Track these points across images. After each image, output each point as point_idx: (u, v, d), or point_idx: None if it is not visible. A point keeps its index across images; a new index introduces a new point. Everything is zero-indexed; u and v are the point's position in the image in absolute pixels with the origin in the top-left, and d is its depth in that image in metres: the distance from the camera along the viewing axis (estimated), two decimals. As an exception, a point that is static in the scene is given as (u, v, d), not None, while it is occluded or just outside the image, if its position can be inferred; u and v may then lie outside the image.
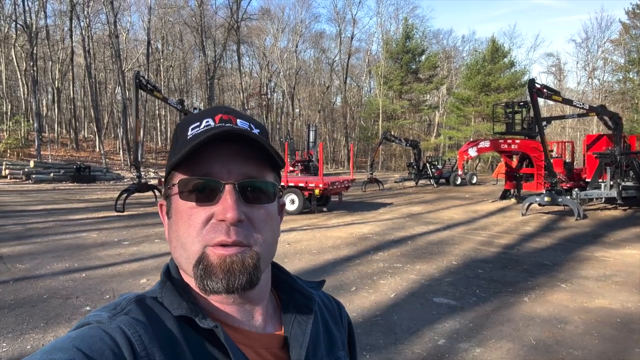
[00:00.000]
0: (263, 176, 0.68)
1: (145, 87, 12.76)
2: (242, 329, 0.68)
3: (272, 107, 60.56)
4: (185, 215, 0.65)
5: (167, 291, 0.66)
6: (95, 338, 0.55)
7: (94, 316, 0.60)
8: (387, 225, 11.05)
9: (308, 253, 7.78)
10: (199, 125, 0.67)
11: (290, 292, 0.78)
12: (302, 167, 26.03)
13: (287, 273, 0.81)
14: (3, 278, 5.84)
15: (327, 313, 0.84)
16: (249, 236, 0.64)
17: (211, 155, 0.65)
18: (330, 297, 0.90)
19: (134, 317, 0.60)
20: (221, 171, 0.64)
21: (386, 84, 47.86)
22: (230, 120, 0.68)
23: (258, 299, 0.71)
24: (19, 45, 38.06)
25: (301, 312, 0.74)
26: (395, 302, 5.31)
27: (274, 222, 0.70)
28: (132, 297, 0.64)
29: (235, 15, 45.21)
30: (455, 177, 25.27)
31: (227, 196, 0.63)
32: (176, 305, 0.64)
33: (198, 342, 0.62)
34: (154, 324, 0.61)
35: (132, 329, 0.58)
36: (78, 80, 48.17)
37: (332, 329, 0.82)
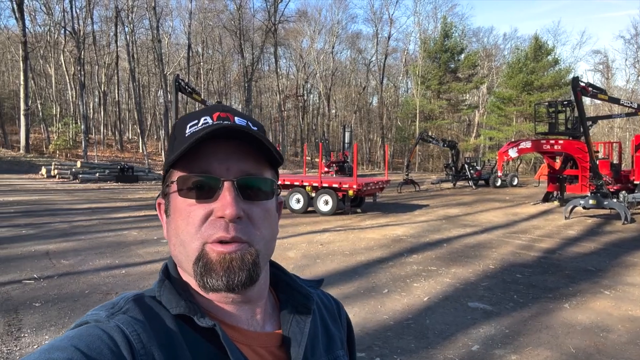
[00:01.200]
0: (262, 173, 0.68)
1: (185, 90, 13.11)
2: (241, 328, 0.68)
3: (308, 109, 60.85)
4: (184, 212, 0.65)
5: (165, 290, 0.66)
6: (93, 337, 0.55)
7: (92, 315, 0.61)
8: (422, 227, 10.88)
9: (340, 254, 7.76)
10: (197, 123, 0.67)
11: (289, 291, 0.77)
12: (337, 168, 26.01)
13: (286, 272, 0.81)
14: (48, 273, 6.13)
15: (326, 312, 0.83)
16: (247, 233, 0.64)
17: (210, 152, 0.65)
18: (330, 296, 0.89)
19: (132, 315, 0.60)
20: (220, 168, 0.64)
21: (424, 84, 47.14)
22: (228, 117, 0.68)
23: (257, 298, 0.70)
24: (67, 50, 39.91)
25: (299, 311, 0.74)
26: (429, 306, 5.21)
27: (272, 219, 0.69)
28: (131, 296, 0.64)
29: (273, 17, 45.77)
30: (495, 179, 24.60)
31: (225, 193, 0.63)
32: (174, 304, 0.64)
33: (196, 341, 0.62)
34: (153, 322, 0.61)
35: (131, 328, 0.58)
36: (123, 84, 50.01)
37: (331, 328, 0.81)
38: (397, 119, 54.84)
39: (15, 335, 4.09)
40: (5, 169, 24.33)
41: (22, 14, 30.07)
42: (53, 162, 26.19)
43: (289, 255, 7.63)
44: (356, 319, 4.74)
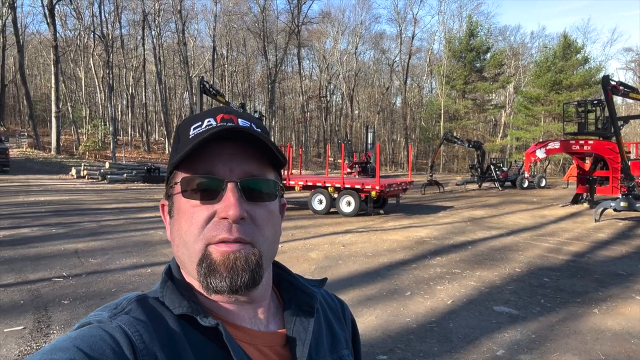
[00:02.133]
0: (265, 174, 0.68)
1: (209, 92, 13.28)
2: (244, 327, 0.68)
3: (331, 110, 60.87)
4: (187, 213, 0.65)
5: (168, 290, 0.66)
6: (95, 337, 0.56)
7: (95, 316, 0.61)
8: (446, 229, 10.73)
9: (363, 255, 7.72)
10: (200, 125, 0.67)
11: (292, 291, 0.77)
12: (359, 168, 25.91)
13: (289, 272, 0.81)
14: (77, 272, 6.28)
15: (330, 312, 0.83)
16: (251, 234, 0.64)
17: (213, 153, 0.65)
18: (334, 295, 0.89)
19: (134, 316, 0.61)
20: (223, 169, 0.64)
21: (448, 84, 46.57)
22: (232, 119, 0.68)
23: (260, 298, 0.70)
24: (97, 54, 40.98)
25: (303, 310, 0.74)
26: (452, 309, 5.13)
27: (275, 220, 0.69)
28: (133, 297, 0.65)
29: (296, 19, 45.99)
30: (522, 180, 24.08)
31: (229, 194, 0.63)
32: (177, 304, 0.64)
33: (199, 341, 0.62)
34: (155, 323, 0.61)
35: (133, 328, 0.58)
36: (150, 86, 51.06)
37: (335, 327, 0.81)
38: (421, 119, 54.32)
39: (45, 331, 4.20)
40: (37, 169, 25.11)
41: (54, 19, 31.02)
42: (82, 163, 26.90)
43: (311, 256, 7.63)
44: (378, 321, 4.71)
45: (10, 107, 50.56)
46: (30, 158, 28.25)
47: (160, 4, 41.09)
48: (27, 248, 7.56)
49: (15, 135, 34.35)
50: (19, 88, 41.46)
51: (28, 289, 5.48)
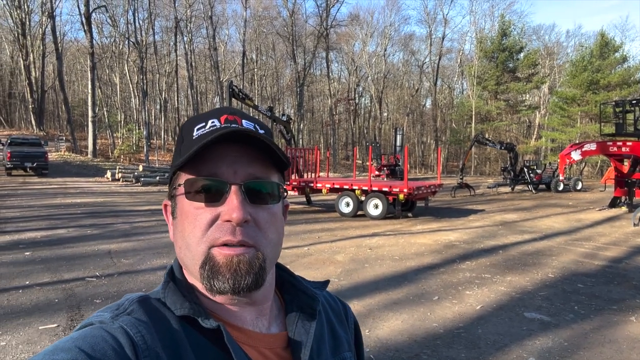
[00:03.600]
0: (269, 177, 0.68)
1: (238, 96, 13.46)
2: (246, 329, 0.68)
3: (360, 112, 60.67)
4: (190, 215, 0.65)
5: (169, 292, 0.66)
6: (97, 338, 0.56)
7: (97, 316, 0.61)
8: (476, 233, 10.51)
9: (390, 259, 7.64)
10: (204, 126, 0.67)
11: (294, 293, 0.77)
12: (388, 171, 25.69)
13: (291, 273, 0.80)
14: (109, 271, 6.46)
15: (332, 313, 0.83)
16: (254, 237, 0.64)
17: (217, 155, 0.65)
18: (336, 297, 0.89)
19: (136, 317, 0.61)
20: (227, 172, 0.64)
21: (480, 84, 45.64)
22: (236, 120, 0.68)
23: (262, 300, 0.70)
24: (131, 60, 42.17)
25: (305, 313, 0.74)
26: (481, 315, 5.01)
27: (279, 223, 0.70)
28: (135, 298, 0.65)
29: (325, 22, 46.12)
30: (557, 183, 23.35)
31: (233, 197, 0.63)
32: (179, 306, 0.64)
33: (201, 342, 0.62)
34: (157, 324, 0.61)
35: (135, 329, 0.58)
36: (182, 91, 52.18)
37: (337, 330, 0.81)
38: (451, 121, 53.47)
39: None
40: (75, 172, 25.98)
41: (90, 27, 32.10)
42: (117, 166, 27.68)
43: (337, 258, 7.61)
44: (404, 325, 4.65)
45: (49, 113, 52.63)
46: (68, 161, 29.29)
47: (192, 11, 41.95)
48: (63, 248, 7.83)
49: (54, 140, 35.68)
50: (58, 94, 43.04)
51: (63, 288, 5.67)
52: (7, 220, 10.44)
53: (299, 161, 15.53)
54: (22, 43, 39.51)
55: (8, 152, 21.67)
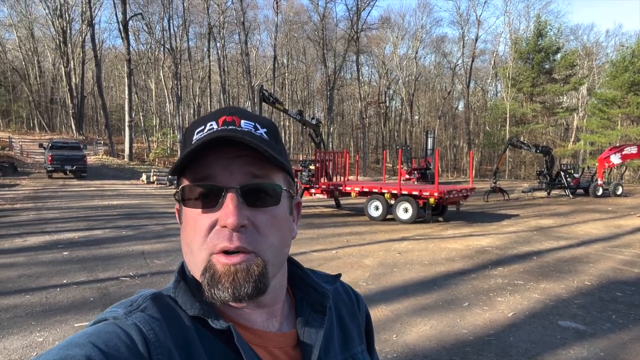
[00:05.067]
0: (269, 177, 0.66)
1: (268, 100, 13.60)
2: (256, 329, 0.68)
3: (390, 115, 60.26)
4: (191, 221, 0.65)
5: (180, 291, 0.67)
6: (111, 334, 0.56)
7: (111, 312, 0.62)
8: (510, 238, 10.24)
9: (419, 264, 7.53)
10: (203, 129, 0.66)
11: (305, 289, 0.77)
12: (419, 175, 25.36)
13: (302, 268, 0.80)
14: (142, 272, 6.63)
15: (343, 307, 0.83)
16: (253, 242, 0.63)
17: (212, 158, 0.64)
18: (349, 288, 0.88)
19: (150, 314, 0.61)
20: (222, 174, 0.64)
21: (514, 86, 44.59)
22: (234, 121, 0.67)
23: (271, 303, 0.70)
24: (166, 66, 43.34)
25: (315, 310, 0.74)
26: (513, 322, 4.87)
27: (281, 225, 0.67)
28: (149, 295, 0.65)
29: (355, 26, 46.10)
30: (596, 188, 22.49)
31: (228, 201, 0.62)
32: (189, 306, 0.65)
33: (212, 342, 0.63)
34: (170, 321, 0.62)
35: (148, 326, 0.59)
36: (215, 96, 53.15)
37: (348, 324, 0.80)
38: (485, 123, 52.42)
39: (110, 327, 4.46)
40: (112, 175, 26.85)
41: (127, 34, 33.16)
42: (152, 169, 28.42)
43: (365, 262, 7.56)
44: (433, 331, 4.57)
45: (89, 117, 54.61)
46: (105, 164, 30.29)
47: (225, 17, 42.76)
48: (99, 249, 8.08)
49: (92, 143, 36.98)
50: (97, 99, 44.66)
51: (98, 287, 5.85)
52: (48, 221, 10.87)
53: (328, 164, 15.54)
54: (63, 50, 41.23)
55: (49, 155, 22.61)
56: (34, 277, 6.21)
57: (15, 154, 30.07)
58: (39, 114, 49.78)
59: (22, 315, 4.74)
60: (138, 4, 39.55)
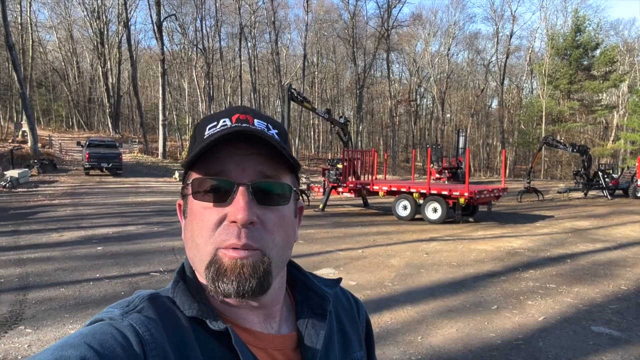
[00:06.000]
0: (279, 177, 0.67)
1: (297, 99, 13.67)
2: (255, 331, 0.68)
3: (421, 113, 59.49)
4: (199, 215, 0.65)
5: (179, 291, 0.67)
6: (106, 335, 0.56)
7: (107, 313, 0.62)
8: (543, 240, 9.95)
9: (447, 265, 7.41)
10: (215, 125, 0.67)
11: (305, 292, 0.76)
12: (449, 174, 24.96)
13: (303, 271, 0.79)
14: (172, 267, 6.77)
15: (343, 312, 0.82)
16: (260, 239, 0.63)
17: (226, 154, 0.64)
18: (349, 294, 0.88)
19: (146, 315, 0.61)
20: (235, 170, 0.64)
21: (551, 83, 43.24)
22: (247, 120, 0.67)
23: (271, 304, 0.70)
24: (199, 66, 44.13)
25: (315, 313, 0.74)
26: (543, 327, 4.74)
27: (288, 225, 0.68)
28: (146, 295, 0.65)
29: (386, 23, 45.74)
30: (636, 189, 21.57)
31: (239, 197, 0.62)
32: (187, 306, 0.64)
33: (209, 343, 0.63)
34: (167, 322, 0.62)
35: (144, 327, 0.59)
36: (246, 95, 53.76)
37: (348, 329, 0.80)
38: (519, 122, 51.07)
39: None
40: (146, 172, 27.53)
41: (161, 35, 33.91)
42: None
43: (391, 262, 7.49)
44: (459, 334, 4.49)
45: (124, 116, 56.24)
46: (140, 162, 31.11)
47: (256, 17, 43.20)
48: (131, 244, 8.31)
49: (128, 142, 38.08)
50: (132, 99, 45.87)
51: (129, 281, 6.02)
52: (84, 217, 11.26)
53: (356, 163, 15.48)
54: (100, 51, 42.62)
55: (87, 153, 23.41)
56: (69, 270, 6.44)
57: (55, 152, 31.25)
58: (78, 113, 51.64)
59: (56, 307, 4.93)
60: (172, 5, 40.43)
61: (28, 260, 6.93)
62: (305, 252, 8.03)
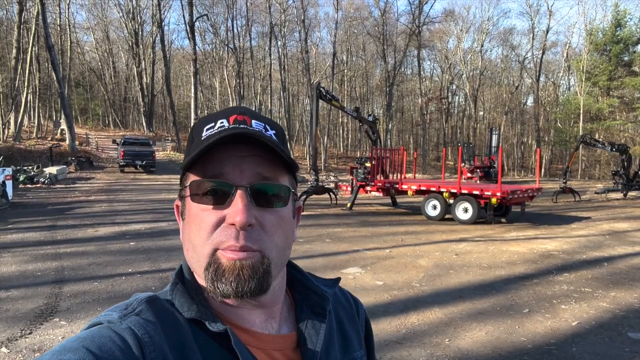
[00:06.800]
0: (277, 178, 0.66)
1: (325, 97, 13.65)
2: (255, 332, 0.67)
3: (453, 111, 58.48)
4: (197, 217, 0.64)
5: (177, 293, 0.66)
6: (105, 338, 0.56)
7: (105, 316, 0.61)
8: (579, 242, 9.62)
9: (477, 266, 7.26)
10: (213, 126, 0.67)
11: (304, 292, 0.76)
12: (482, 173, 24.46)
13: (302, 271, 0.79)
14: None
15: (343, 312, 0.82)
16: (259, 241, 0.63)
17: (224, 156, 0.64)
18: (348, 293, 0.87)
19: (145, 317, 0.60)
20: (233, 172, 0.64)
21: (589, 80, 41.78)
22: (245, 121, 0.67)
23: (271, 303, 0.69)
24: (230, 65, 44.72)
25: (315, 313, 0.74)
26: (577, 332, 4.58)
27: (286, 226, 0.68)
28: (144, 298, 0.64)
29: (417, 20, 45.17)
30: (680, 189, 20.61)
31: (238, 199, 0.62)
32: (186, 308, 0.64)
33: (209, 345, 0.62)
34: (165, 324, 0.61)
35: (143, 330, 0.58)
36: (275, 94, 54.16)
37: (347, 328, 0.80)
38: (556, 120, 49.55)
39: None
40: (178, 170, 27.77)
41: (194, 35, 34.51)
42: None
43: (419, 263, 7.40)
44: (488, 337, 4.39)
45: (158, 115, 57.62)
46: (172, 160, 31.79)
47: (286, 15, 43.40)
48: (163, 240, 8.50)
49: (161, 140, 38.96)
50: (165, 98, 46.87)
51: (160, 276, 6.16)
52: (118, 213, 11.59)
53: (385, 162, 15.35)
54: (135, 52, 43.78)
55: (121, 151, 24.11)
56: (102, 265, 6.64)
57: (92, 149, 32.32)
58: (114, 112, 53.23)
59: (90, 301, 5.09)
60: (204, 5, 41.09)
61: (64, 255, 7.18)
62: (332, 251, 8.03)
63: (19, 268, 6.37)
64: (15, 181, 15.28)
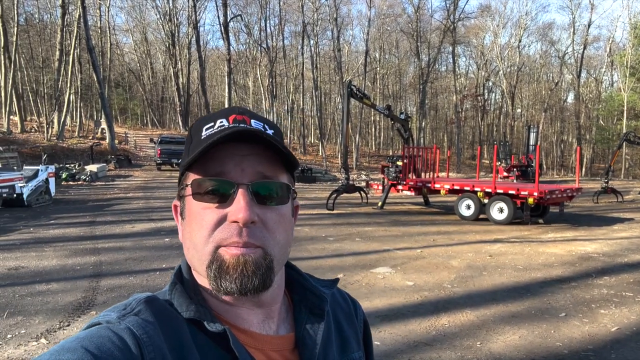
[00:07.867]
0: (277, 177, 0.67)
1: (356, 95, 13.60)
2: (253, 332, 0.67)
3: (489, 109, 57.10)
4: (198, 216, 0.65)
5: (176, 293, 0.66)
6: (103, 338, 0.56)
7: (104, 316, 0.61)
8: (620, 244, 9.23)
9: (512, 268, 7.07)
10: (212, 125, 0.67)
11: (302, 292, 0.76)
12: (518, 172, 23.78)
13: (300, 272, 0.79)
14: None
15: (341, 312, 0.82)
16: (262, 238, 0.63)
17: (225, 155, 0.65)
18: (346, 294, 0.87)
19: (143, 317, 0.61)
20: (235, 170, 0.64)
21: (633, 75, 39.99)
22: (244, 120, 0.67)
23: (270, 302, 0.69)
24: (263, 64, 45.20)
25: (313, 313, 0.74)
26: (617, 338, 4.40)
27: (287, 224, 0.68)
28: (143, 298, 0.65)
29: (452, 16, 44.39)
30: None
31: (240, 197, 0.63)
32: (185, 308, 0.64)
33: (207, 345, 0.62)
34: (164, 325, 0.61)
35: (141, 330, 0.58)
36: (307, 92, 54.36)
37: (345, 329, 0.80)
38: (598, 117, 47.70)
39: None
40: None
41: (228, 35, 35.07)
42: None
43: (451, 263, 7.26)
44: (522, 342, 4.27)
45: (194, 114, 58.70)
46: (207, 158, 32.42)
47: (319, 14, 43.45)
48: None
49: (196, 139, 39.66)
50: (201, 97, 47.76)
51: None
52: (154, 210, 11.91)
53: (417, 160, 15.15)
54: (172, 52, 44.81)
55: (158, 149, 24.78)
56: (138, 260, 6.84)
57: (130, 148, 33.33)
58: (151, 111, 54.73)
59: (125, 295, 5.24)
60: (238, 6, 41.70)
61: (102, 250, 7.44)
62: (362, 250, 7.99)
63: (59, 262, 6.65)
64: (57, 178, 15.95)
